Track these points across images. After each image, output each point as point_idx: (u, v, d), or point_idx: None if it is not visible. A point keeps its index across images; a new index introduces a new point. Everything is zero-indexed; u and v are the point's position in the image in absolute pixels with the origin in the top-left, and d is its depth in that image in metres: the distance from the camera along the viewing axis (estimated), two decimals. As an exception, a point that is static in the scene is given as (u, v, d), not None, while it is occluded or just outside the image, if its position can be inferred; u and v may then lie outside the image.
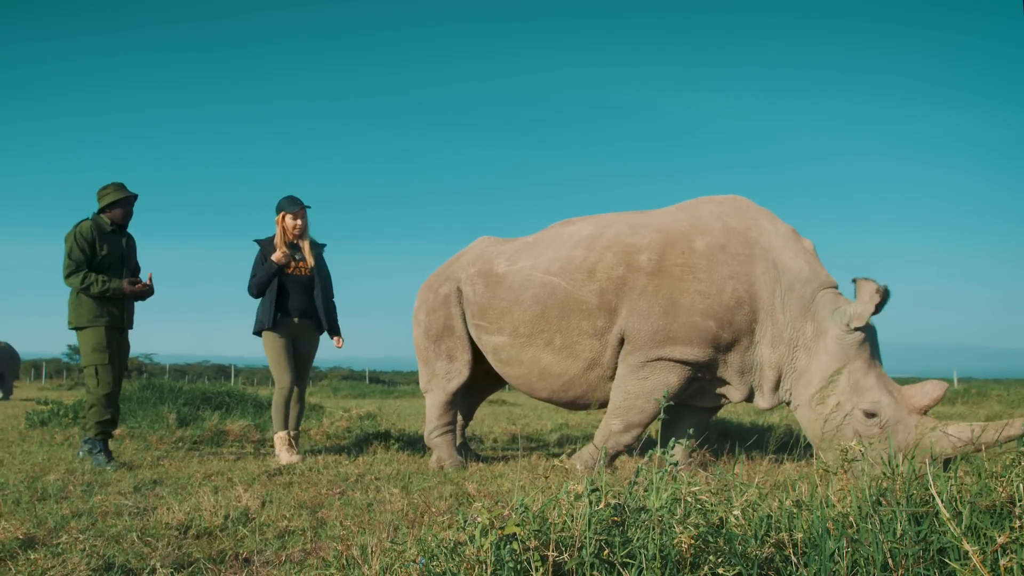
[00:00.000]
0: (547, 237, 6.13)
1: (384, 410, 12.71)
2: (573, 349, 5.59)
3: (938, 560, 2.19)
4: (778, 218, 5.57)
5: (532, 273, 5.83)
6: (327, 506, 4.22)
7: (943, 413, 11.96)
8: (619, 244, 5.58)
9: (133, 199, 6.40)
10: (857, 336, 4.91)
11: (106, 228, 6.26)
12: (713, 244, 5.33)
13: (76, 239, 6.10)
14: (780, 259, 5.27)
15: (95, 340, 6.10)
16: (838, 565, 2.24)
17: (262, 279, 6.50)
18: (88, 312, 6.13)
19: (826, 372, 4.95)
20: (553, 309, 5.64)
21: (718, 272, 5.23)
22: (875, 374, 4.86)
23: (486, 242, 6.62)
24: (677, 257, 5.34)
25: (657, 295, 5.28)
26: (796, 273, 5.20)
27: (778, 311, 5.16)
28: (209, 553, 3.16)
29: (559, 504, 2.31)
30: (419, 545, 2.31)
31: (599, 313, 5.48)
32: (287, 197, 6.71)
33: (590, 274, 5.55)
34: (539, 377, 5.80)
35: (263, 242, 6.71)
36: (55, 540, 3.34)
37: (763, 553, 2.30)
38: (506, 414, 12.85)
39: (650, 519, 2.24)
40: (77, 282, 6.06)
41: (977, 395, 17.31)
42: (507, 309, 5.87)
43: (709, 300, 5.18)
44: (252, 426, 8.18)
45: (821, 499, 2.70)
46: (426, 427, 6.37)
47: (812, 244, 5.51)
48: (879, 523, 2.31)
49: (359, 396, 23.12)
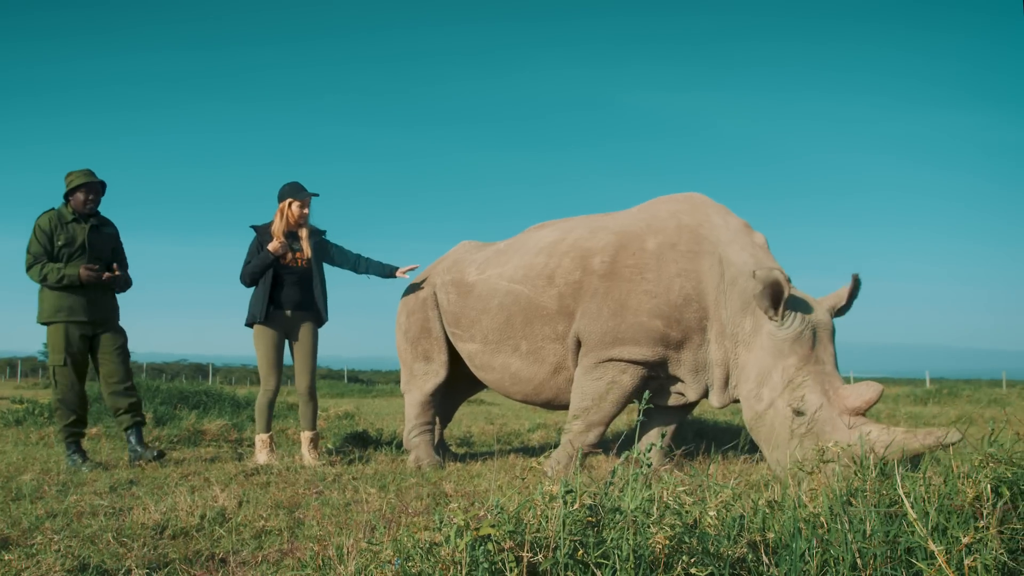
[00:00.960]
0: (516, 244, 6.24)
1: (362, 410, 12.69)
2: (539, 354, 5.69)
3: (906, 560, 2.23)
4: (732, 213, 5.55)
5: (498, 282, 5.96)
6: (304, 506, 4.22)
7: (914, 414, 12.11)
8: (577, 249, 5.66)
9: (96, 185, 6.09)
10: (791, 332, 4.75)
11: (67, 217, 6.00)
12: (664, 243, 5.34)
13: (35, 231, 5.91)
14: (726, 253, 5.21)
15: (54, 339, 5.90)
16: (808, 565, 2.28)
17: (256, 268, 6.22)
18: (48, 307, 5.92)
19: (761, 368, 4.85)
20: (517, 316, 5.76)
21: (666, 271, 5.24)
22: (810, 371, 4.67)
23: (465, 247, 6.72)
24: (628, 259, 5.36)
25: (607, 297, 5.32)
26: (739, 267, 5.12)
27: (722, 307, 5.12)
28: (185, 553, 3.16)
29: (534, 505, 2.33)
30: (395, 546, 2.33)
31: (559, 318, 5.57)
32: (291, 183, 6.37)
33: (550, 280, 5.64)
34: (511, 382, 5.93)
35: (260, 228, 6.43)
36: (29, 541, 3.32)
37: (736, 553, 2.33)
38: (484, 414, 12.87)
39: (624, 520, 2.26)
40: (35, 275, 5.86)
41: (948, 395, 17.53)
42: (477, 318, 6.01)
43: (656, 300, 5.19)
44: (230, 425, 8.15)
45: (793, 499, 2.74)
46: (405, 427, 6.42)
47: (764, 238, 5.44)
48: (849, 523, 2.35)
49: (337, 395, 23.03)
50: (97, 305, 6.06)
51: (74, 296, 5.92)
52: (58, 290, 5.89)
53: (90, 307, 6.00)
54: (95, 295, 6.05)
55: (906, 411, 12.63)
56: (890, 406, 14.41)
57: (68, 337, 5.90)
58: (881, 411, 12.32)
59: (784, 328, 4.76)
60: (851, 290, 4.90)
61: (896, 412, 12.20)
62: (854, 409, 4.44)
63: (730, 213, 5.55)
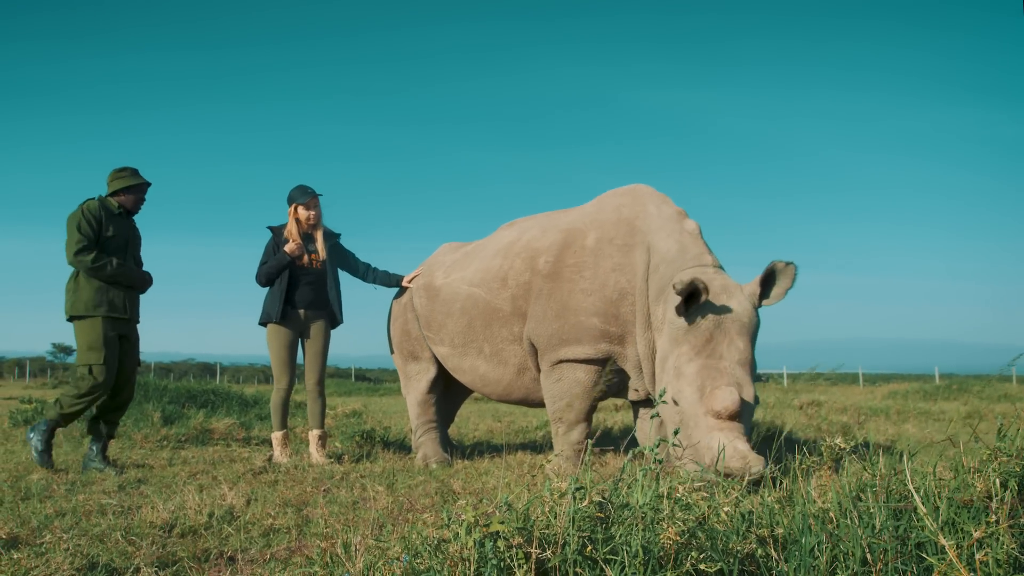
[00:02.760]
0: (480, 246, 6.32)
1: (370, 408, 12.71)
2: (501, 356, 5.72)
3: (916, 555, 2.22)
4: (668, 202, 5.41)
5: (460, 285, 6.02)
6: (312, 504, 4.22)
7: (924, 410, 12.07)
8: (528, 250, 5.66)
9: (147, 187, 5.92)
10: (684, 320, 4.57)
11: (114, 210, 5.76)
12: (602, 238, 5.30)
13: (84, 214, 5.58)
14: (653, 242, 5.12)
15: (92, 335, 5.52)
16: (818, 560, 2.26)
17: (272, 269, 6.29)
18: (87, 299, 5.55)
19: (663, 355, 4.74)
20: (477, 319, 5.80)
21: (602, 267, 5.19)
22: (700, 363, 4.44)
23: (443, 250, 6.81)
24: (570, 257, 5.34)
25: (551, 299, 5.31)
26: (663, 254, 5.02)
27: (646, 295, 5.03)
28: (194, 552, 3.16)
29: (543, 502, 2.32)
30: (403, 542, 2.32)
31: (514, 319, 5.59)
32: (298, 187, 6.44)
33: (503, 282, 5.67)
34: (482, 384, 5.99)
35: (276, 229, 6.50)
36: (39, 539, 3.33)
37: (745, 548, 2.32)
38: (491, 411, 12.87)
39: (633, 516, 2.26)
40: (88, 260, 5.48)
41: (958, 391, 17.47)
42: (443, 322, 6.09)
43: (592, 297, 5.14)
44: (237, 424, 8.17)
45: (802, 495, 2.73)
46: (412, 427, 6.51)
47: (696, 225, 5.23)
48: (858, 518, 2.34)
49: (345, 394, 23.06)
50: (133, 303, 5.83)
51: (115, 291, 5.66)
52: (104, 282, 5.60)
53: (129, 304, 5.76)
54: (131, 292, 5.82)
55: (916, 407, 12.58)
56: (899, 402, 14.37)
57: (107, 333, 5.57)
58: (891, 407, 12.29)
59: (680, 316, 4.59)
60: (763, 278, 4.64)
61: (906, 408, 12.17)
62: (716, 413, 4.22)
63: (667, 202, 5.42)
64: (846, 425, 8.97)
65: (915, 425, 9.73)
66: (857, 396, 18.23)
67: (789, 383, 29.14)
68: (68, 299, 5.63)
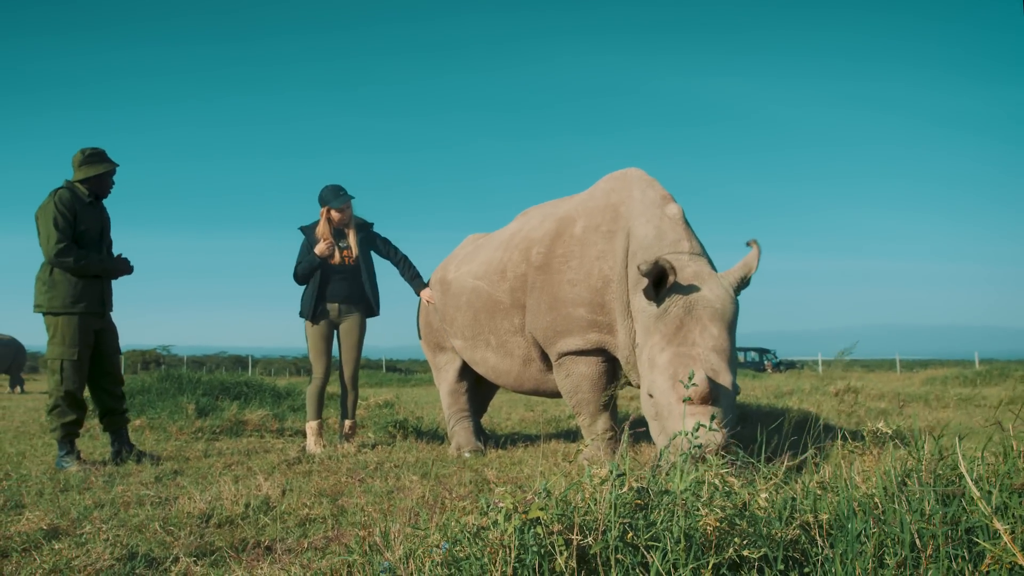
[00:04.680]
0: (490, 238, 6.35)
1: (401, 398, 12.73)
2: (506, 348, 5.69)
3: (966, 540, 2.16)
4: (655, 185, 5.21)
5: (466, 279, 6.03)
6: (347, 494, 4.22)
7: (964, 395, 11.87)
8: (525, 241, 5.61)
9: (115, 169, 5.71)
10: (655, 309, 4.44)
11: (85, 198, 5.56)
12: (589, 226, 5.20)
13: (58, 207, 5.38)
14: (633, 228, 4.98)
15: (68, 331, 5.41)
16: (864, 546, 2.21)
17: (305, 269, 6.45)
18: (64, 295, 5.41)
19: (640, 347, 4.62)
20: (481, 312, 5.79)
21: (588, 255, 5.09)
22: (672, 352, 4.28)
23: (467, 242, 6.86)
24: (560, 247, 5.26)
25: (543, 291, 5.25)
26: (641, 240, 4.87)
27: (626, 283, 4.90)
28: (231, 541, 3.16)
29: (582, 488, 2.29)
30: (441, 530, 2.30)
31: (514, 311, 5.55)
32: (330, 188, 6.48)
33: (502, 274, 5.64)
34: (495, 375, 5.99)
35: (307, 229, 6.61)
36: (79, 530, 3.36)
37: (788, 535, 2.28)
38: (523, 401, 12.85)
39: (674, 502, 2.22)
40: (71, 261, 5.35)
41: (999, 376, 17.17)
42: (454, 315, 6.12)
43: (577, 288, 5.06)
44: (270, 415, 8.21)
45: (845, 480, 2.67)
46: (445, 417, 6.56)
47: (678, 210, 5.01)
48: (906, 503, 2.28)
49: (376, 385, 23.17)
50: (108, 294, 5.71)
51: (92, 285, 5.53)
52: (82, 277, 5.47)
53: (105, 298, 5.65)
54: (108, 285, 5.70)
55: (955, 393, 12.38)
56: (938, 388, 14.15)
57: (83, 329, 5.48)
58: (930, 393, 12.11)
59: (651, 305, 4.47)
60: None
61: (945, 394, 11.97)
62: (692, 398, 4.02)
63: (653, 185, 5.21)
64: (885, 411, 8.84)
65: (955, 411, 9.57)
66: (894, 382, 17.99)
67: (824, 370, 28.85)
68: (43, 292, 5.46)
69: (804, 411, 8.10)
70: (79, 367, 5.46)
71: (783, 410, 8.30)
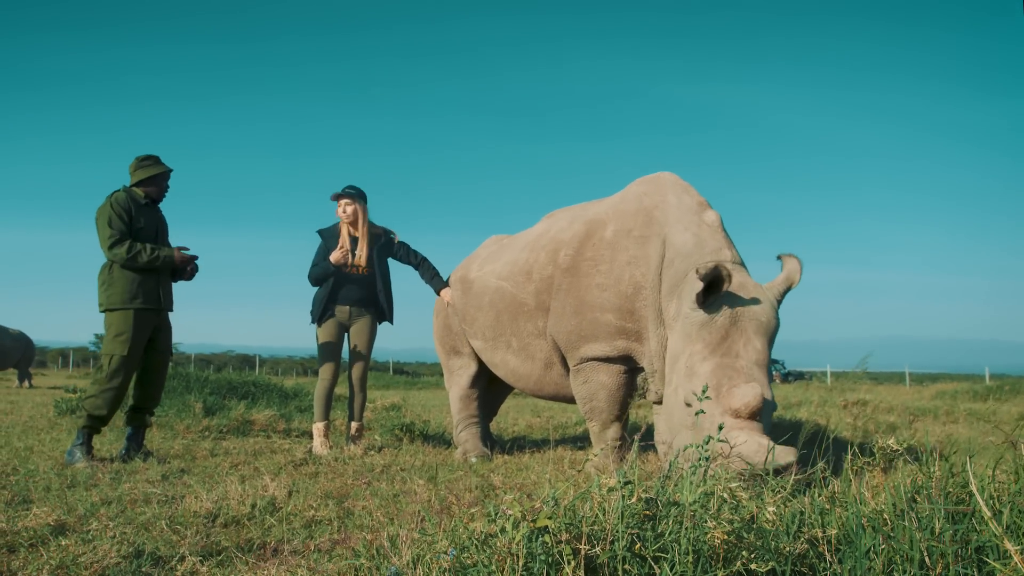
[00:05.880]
0: (515, 239, 6.30)
1: (408, 401, 12.76)
2: (528, 351, 5.64)
3: (976, 559, 2.15)
4: (691, 191, 5.13)
5: (489, 279, 5.98)
6: (354, 496, 4.22)
7: (974, 410, 11.80)
8: (553, 242, 5.55)
9: (169, 173, 5.87)
10: (700, 316, 4.32)
11: (140, 200, 5.70)
12: (620, 230, 5.09)
13: (113, 207, 5.52)
14: (669, 234, 4.87)
15: (122, 326, 5.46)
16: (873, 562, 2.20)
17: (318, 275, 6.51)
18: (121, 291, 5.50)
19: (674, 352, 4.51)
20: (504, 313, 5.74)
21: (619, 260, 4.98)
22: (715, 362, 4.20)
23: (488, 243, 6.81)
24: (588, 250, 5.17)
25: (569, 294, 5.17)
26: (678, 248, 4.77)
27: (659, 290, 4.80)
28: (237, 541, 3.17)
29: (590, 497, 2.29)
30: (449, 537, 2.30)
31: (538, 314, 5.49)
32: (347, 186, 6.64)
33: (528, 276, 5.58)
34: (514, 378, 5.94)
35: (324, 233, 6.67)
36: (85, 527, 3.36)
37: (796, 549, 2.26)
38: (531, 406, 12.84)
39: (682, 513, 2.21)
40: (123, 252, 5.44)
41: (1010, 391, 17.05)
42: (475, 315, 6.07)
43: (606, 292, 4.95)
44: (277, 416, 8.23)
45: (854, 495, 2.66)
46: (454, 421, 6.53)
47: (716, 217, 4.93)
48: (916, 521, 2.26)
49: (383, 387, 23.19)
50: (167, 291, 5.78)
51: (149, 281, 5.61)
52: (138, 273, 5.56)
53: (163, 295, 5.71)
54: (166, 282, 5.78)
55: (965, 407, 12.31)
56: (948, 402, 14.07)
57: (139, 326, 5.53)
58: (940, 407, 12.04)
59: (695, 312, 4.36)
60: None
61: (955, 408, 11.90)
62: (733, 411, 3.98)
63: (688, 191, 5.13)
64: (894, 425, 8.80)
65: (965, 426, 9.51)
66: (904, 396, 17.89)
67: (833, 381, 28.74)
68: (102, 291, 5.57)
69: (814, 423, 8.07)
70: (128, 364, 5.49)
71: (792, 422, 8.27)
